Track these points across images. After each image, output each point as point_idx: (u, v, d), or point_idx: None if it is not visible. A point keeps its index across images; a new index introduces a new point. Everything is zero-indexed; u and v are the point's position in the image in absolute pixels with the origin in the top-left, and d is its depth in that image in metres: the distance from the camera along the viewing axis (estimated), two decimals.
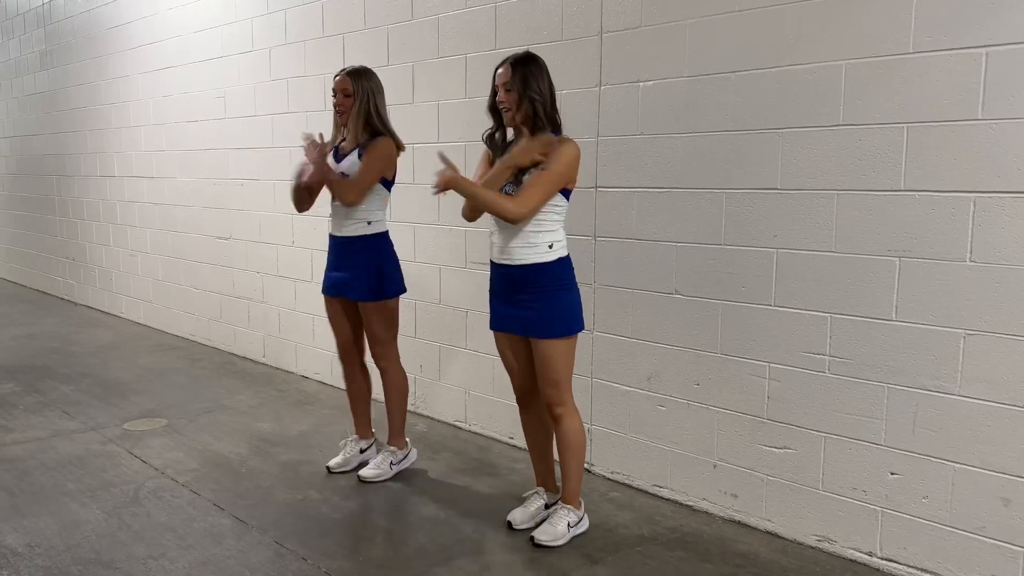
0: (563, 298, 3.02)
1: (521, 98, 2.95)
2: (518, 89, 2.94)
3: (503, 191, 3.01)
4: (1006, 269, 2.59)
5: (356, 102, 3.53)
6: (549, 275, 3.01)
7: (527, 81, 2.94)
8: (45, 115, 8.73)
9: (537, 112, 2.95)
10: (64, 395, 5.13)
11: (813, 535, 3.12)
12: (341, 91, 3.55)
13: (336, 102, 3.57)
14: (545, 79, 2.99)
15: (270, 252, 5.76)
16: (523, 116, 2.98)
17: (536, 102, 2.94)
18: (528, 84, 2.94)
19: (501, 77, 2.98)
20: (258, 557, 3.04)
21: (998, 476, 2.67)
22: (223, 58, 5.95)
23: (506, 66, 2.98)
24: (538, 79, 2.96)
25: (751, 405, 3.25)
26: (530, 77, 2.94)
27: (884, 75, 2.79)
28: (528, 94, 2.93)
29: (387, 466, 3.78)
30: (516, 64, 2.97)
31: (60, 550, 3.08)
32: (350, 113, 3.55)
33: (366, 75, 3.59)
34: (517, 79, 2.95)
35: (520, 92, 2.94)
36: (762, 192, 3.14)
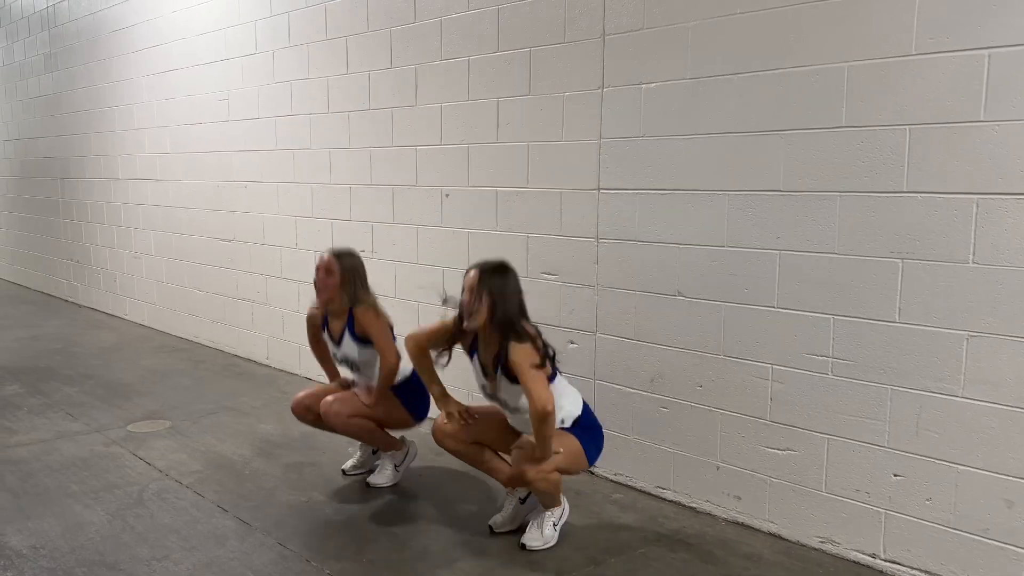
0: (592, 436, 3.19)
1: (482, 306, 3.02)
2: (482, 297, 3.02)
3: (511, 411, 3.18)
4: (1009, 271, 2.59)
5: (341, 283, 3.54)
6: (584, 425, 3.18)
7: (492, 290, 3.02)
8: (49, 117, 8.75)
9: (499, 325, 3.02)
10: (68, 397, 5.14)
11: (816, 537, 3.12)
12: (323, 270, 3.54)
13: (316, 279, 3.56)
14: (511, 288, 3.07)
15: (274, 254, 5.77)
16: (481, 320, 3.04)
17: (495, 315, 3.01)
18: (492, 295, 3.02)
19: (469, 281, 3.06)
20: (261, 559, 3.05)
21: (1002, 478, 2.66)
22: (227, 60, 5.97)
23: (476, 271, 3.07)
24: (502, 290, 3.04)
25: (754, 407, 3.25)
26: (494, 289, 3.03)
27: (886, 77, 2.79)
28: (492, 307, 3.01)
29: (391, 470, 3.78)
30: (484, 272, 3.05)
31: (64, 551, 3.09)
32: (331, 292, 3.55)
33: (350, 255, 3.61)
34: (484, 286, 3.02)
35: (483, 301, 3.02)
36: (765, 194, 3.14)
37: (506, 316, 3.03)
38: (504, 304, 3.03)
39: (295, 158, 5.46)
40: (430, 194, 4.54)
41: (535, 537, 3.14)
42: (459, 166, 4.34)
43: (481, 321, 3.04)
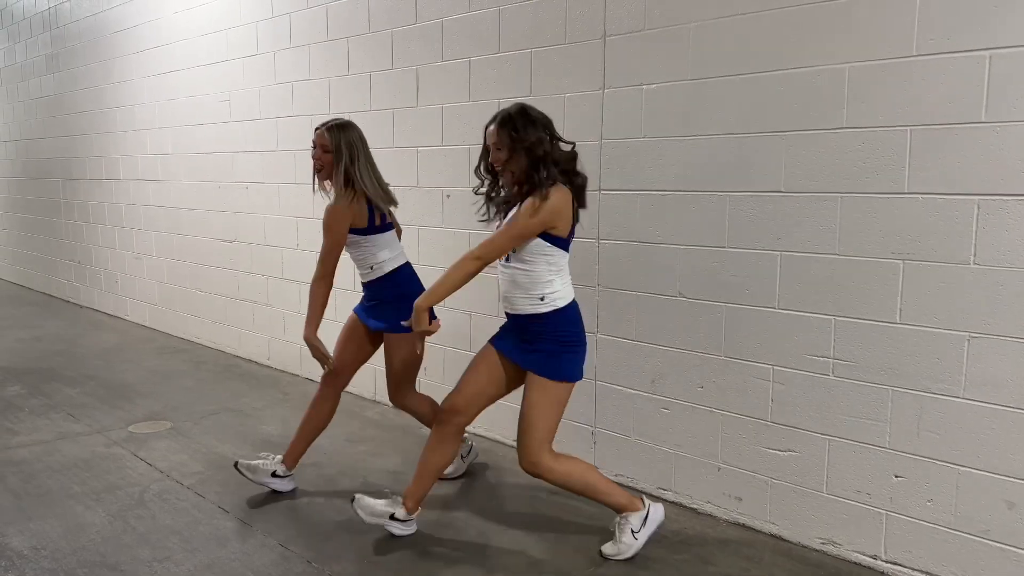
0: (560, 350, 2.92)
1: (512, 154, 2.83)
2: (509, 145, 2.83)
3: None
4: (1010, 272, 2.59)
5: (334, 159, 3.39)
6: (544, 326, 2.91)
7: (517, 134, 2.81)
8: (51, 118, 8.76)
9: (536, 160, 2.81)
10: (69, 398, 5.14)
11: (817, 538, 3.12)
12: (320, 146, 3.41)
13: (314, 156, 3.44)
14: (537, 124, 2.84)
15: (275, 255, 5.78)
16: (519, 173, 2.86)
17: (532, 152, 2.81)
18: (519, 137, 2.81)
19: (491, 136, 2.88)
20: (263, 560, 3.05)
21: (1003, 479, 2.66)
22: (228, 61, 5.97)
23: (495, 125, 2.87)
24: (530, 127, 2.82)
25: (755, 408, 3.25)
26: (520, 129, 2.81)
27: (887, 78, 2.79)
28: (519, 147, 2.81)
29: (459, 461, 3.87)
30: (503, 122, 2.85)
31: (65, 552, 3.09)
32: (327, 169, 3.42)
33: (343, 128, 3.44)
34: (505, 135, 2.83)
35: (510, 147, 2.83)
36: (766, 195, 3.14)
37: (536, 157, 2.80)
38: (535, 144, 2.80)
39: (296, 159, 5.46)
40: (431, 195, 4.54)
41: (610, 544, 3.09)
42: (460, 167, 4.34)
43: (520, 170, 2.82)
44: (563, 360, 2.93)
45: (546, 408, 2.94)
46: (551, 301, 2.90)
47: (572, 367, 2.96)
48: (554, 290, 2.90)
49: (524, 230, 2.82)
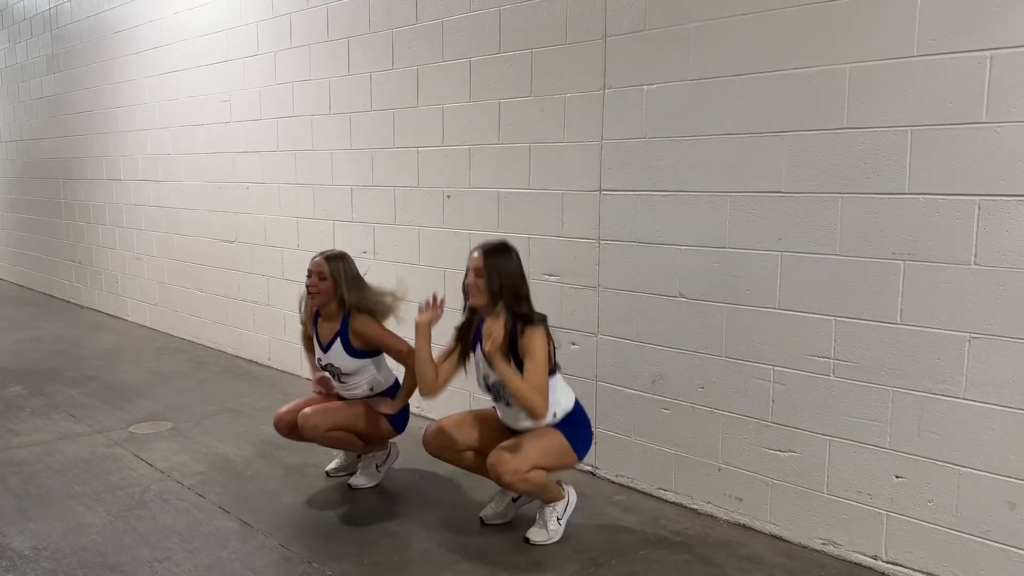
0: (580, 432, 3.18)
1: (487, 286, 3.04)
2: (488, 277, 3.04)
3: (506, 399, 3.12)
4: (1011, 272, 2.59)
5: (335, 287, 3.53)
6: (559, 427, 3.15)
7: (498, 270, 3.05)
8: (52, 119, 8.77)
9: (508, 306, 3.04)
10: (70, 398, 5.14)
11: (818, 538, 3.12)
12: (316, 275, 3.54)
13: (309, 284, 3.56)
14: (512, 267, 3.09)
15: (275, 255, 5.78)
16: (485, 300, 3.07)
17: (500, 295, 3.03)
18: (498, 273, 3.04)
19: (473, 262, 3.09)
20: (263, 560, 3.05)
21: (1004, 480, 2.66)
22: (228, 62, 5.97)
23: (479, 252, 3.09)
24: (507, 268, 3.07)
25: (756, 408, 3.25)
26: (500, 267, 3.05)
27: (888, 78, 2.79)
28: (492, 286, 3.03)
29: (373, 470, 3.77)
30: (488, 253, 3.08)
31: (66, 553, 3.09)
32: (324, 296, 3.54)
33: (342, 258, 3.59)
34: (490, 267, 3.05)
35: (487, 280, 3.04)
36: (766, 195, 3.14)
37: (517, 293, 3.05)
38: (512, 281, 3.06)
39: (296, 159, 5.46)
40: (432, 195, 4.54)
41: (539, 532, 3.18)
42: (461, 167, 4.34)
43: (485, 299, 3.05)
44: (575, 434, 3.14)
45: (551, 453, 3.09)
46: (561, 411, 3.14)
47: (581, 443, 3.16)
48: (563, 404, 3.15)
49: (546, 367, 3.01)
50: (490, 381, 3.16)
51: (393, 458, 3.87)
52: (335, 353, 3.59)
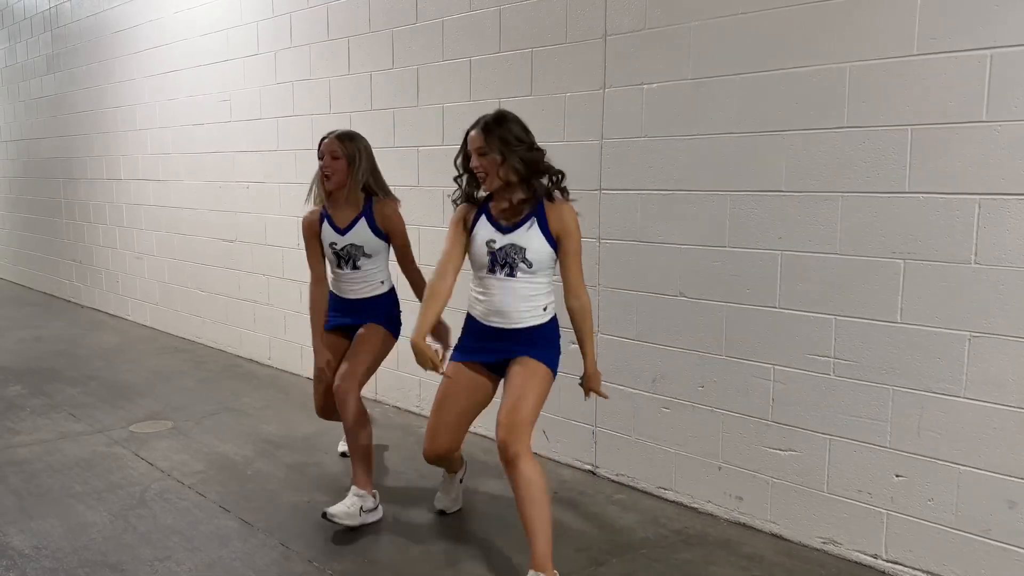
0: (549, 345, 2.95)
1: (503, 160, 2.76)
2: (498, 151, 2.77)
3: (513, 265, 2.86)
4: (1011, 271, 2.59)
5: (349, 166, 3.38)
6: (542, 332, 2.92)
7: (505, 139, 2.77)
8: (52, 118, 8.77)
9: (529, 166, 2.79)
10: (71, 397, 5.15)
11: (818, 537, 3.12)
12: (329, 154, 3.39)
13: (323, 164, 3.40)
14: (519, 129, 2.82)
15: (275, 254, 5.78)
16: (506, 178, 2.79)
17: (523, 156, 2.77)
18: (507, 141, 2.76)
19: (474, 142, 2.81)
20: (264, 559, 3.05)
21: (1004, 479, 2.66)
22: (228, 61, 5.97)
23: (477, 130, 2.81)
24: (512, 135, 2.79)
25: (756, 407, 3.25)
26: (507, 135, 2.77)
27: (888, 77, 2.79)
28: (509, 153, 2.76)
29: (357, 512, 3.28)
30: (488, 126, 2.80)
31: (67, 552, 3.09)
32: (339, 176, 3.39)
33: (354, 138, 3.45)
34: (494, 141, 2.77)
35: (502, 154, 2.76)
36: (766, 194, 3.14)
37: (531, 159, 2.78)
38: (522, 148, 2.78)
39: (297, 159, 5.46)
40: (432, 195, 4.54)
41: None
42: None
43: (498, 178, 2.77)
44: (553, 354, 2.97)
45: (541, 395, 2.89)
46: (551, 309, 2.96)
47: (557, 360, 3.00)
48: (552, 300, 2.97)
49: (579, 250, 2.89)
50: (496, 246, 2.85)
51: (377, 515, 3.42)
52: (358, 232, 3.40)
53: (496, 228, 2.87)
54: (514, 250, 2.85)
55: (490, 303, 2.91)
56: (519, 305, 2.88)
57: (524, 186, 2.83)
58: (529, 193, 2.83)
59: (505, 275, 2.87)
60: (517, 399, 2.79)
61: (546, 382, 2.90)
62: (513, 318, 2.90)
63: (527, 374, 2.84)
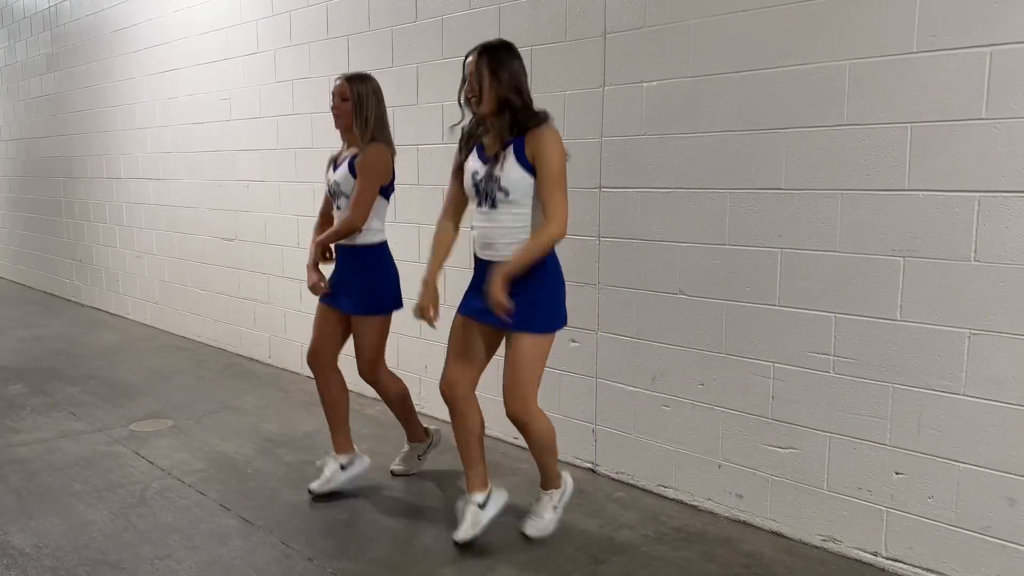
0: (545, 293, 2.91)
1: (486, 87, 2.79)
2: (481, 76, 2.79)
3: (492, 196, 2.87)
4: (1011, 268, 2.59)
5: (357, 108, 3.41)
6: (532, 271, 2.86)
7: (495, 70, 2.78)
8: (52, 117, 8.77)
9: (507, 101, 2.79)
10: (71, 396, 5.15)
11: (818, 535, 3.12)
12: (339, 95, 3.43)
13: (333, 106, 3.45)
14: (515, 66, 2.83)
15: (275, 253, 5.78)
16: (489, 106, 2.82)
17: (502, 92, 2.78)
18: (496, 73, 2.78)
19: (469, 66, 2.84)
20: (264, 557, 3.06)
21: (1004, 476, 2.66)
22: (228, 60, 5.97)
23: (474, 55, 2.84)
24: (508, 66, 2.80)
25: (756, 405, 3.25)
26: (499, 65, 2.79)
27: (888, 75, 2.79)
28: (493, 84, 2.78)
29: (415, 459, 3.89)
30: (483, 51, 2.83)
31: (67, 551, 3.09)
32: (347, 117, 3.43)
33: (364, 80, 3.46)
34: (483, 66, 2.80)
35: (486, 80, 2.79)
36: (766, 192, 3.14)
37: (522, 92, 2.80)
38: (516, 78, 2.80)
39: (296, 157, 5.47)
40: (432, 193, 4.54)
41: (535, 525, 3.17)
42: None
43: (492, 102, 2.79)
44: (548, 308, 2.93)
45: (536, 360, 2.93)
46: None
47: (556, 314, 2.97)
48: None
49: (564, 171, 2.83)
50: (478, 177, 2.92)
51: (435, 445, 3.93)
52: (342, 170, 3.46)
53: (482, 160, 2.92)
54: (491, 179, 2.86)
55: (480, 234, 2.99)
56: (503, 237, 2.90)
57: (509, 116, 2.83)
58: (511, 122, 2.82)
59: (489, 207, 2.90)
60: (512, 373, 2.93)
61: (536, 348, 2.93)
62: (499, 250, 2.91)
63: (516, 348, 2.92)
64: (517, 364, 2.93)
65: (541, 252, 2.86)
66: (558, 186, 2.81)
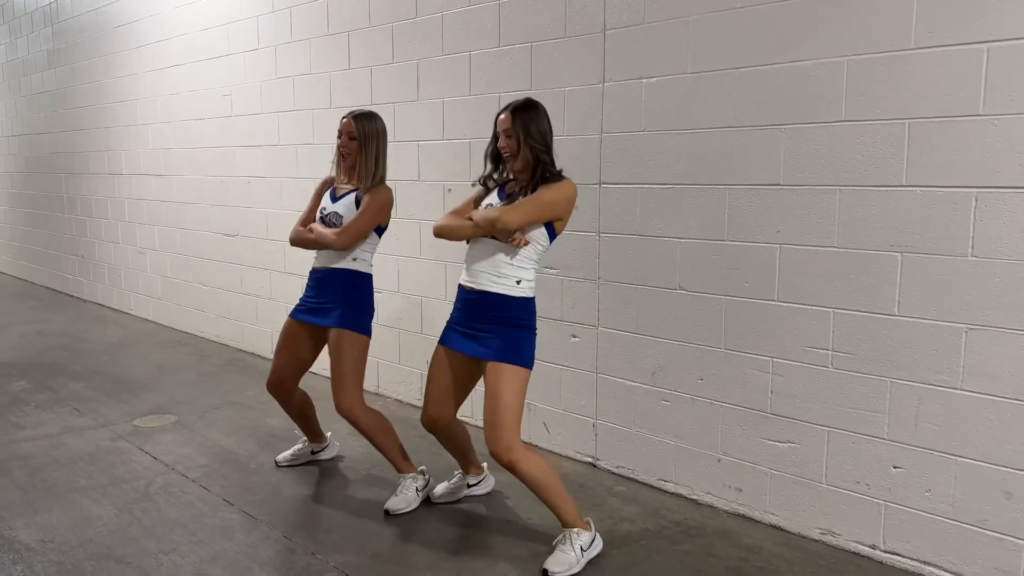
0: (519, 335, 2.96)
1: (520, 144, 2.91)
2: (518, 135, 2.91)
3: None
4: (1007, 264, 2.61)
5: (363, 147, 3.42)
6: (510, 310, 2.95)
7: (527, 128, 2.90)
8: (53, 113, 8.78)
9: (538, 158, 2.92)
10: (75, 392, 5.18)
11: (817, 528, 3.15)
12: (347, 134, 3.45)
13: (340, 144, 3.48)
14: (545, 124, 2.96)
15: (277, 249, 5.80)
16: (522, 162, 2.94)
17: (536, 149, 2.91)
18: (528, 131, 2.90)
19: (502, 124, 2.95)
20: (267, 552, 3.08)
21: (1000, 469, 2.68)
22: (229, 56, 5.98)
23: (507, 113, 2.95)
24: (538, 124, 2.93)
25: (755, 400, 3.27)
26: (530, 123, 2.91)
27: (886, 71, 2.80)
28: (528, 141, 2.90)
29: (413, 494, 3.48)
30: (516, 111, 2.93)
31: (72, 545, 3.12)
32: (354, 156, 3.45)
33: (371, 118, 3.47)
34: (518, 125, 2.91)
35: (520, 138, 2.91)
36: (765, 188, 3.15)
37: (549, 150, 2.94)
38: (545, 138, 2.94)
39: (298, 153, 5.48)
40: (432, 189, 4.56)
41: (558, 560, 2.90)
42: (461, 161, 4.36)
43: (525, 160, 2.91)
44: (525, 345, 2.98)
45: (516, 395, 2.93)
46: (526, 289, 2.98)
47: (531, 353, 3.01)
48: (530, 278, 2.99)
49: (551, 206, 2.90)
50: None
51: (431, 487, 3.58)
52: (345, 203, 3.46)
53: (500, 197, 3.03)
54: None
55: (470, 261, 3.04)
56: (493, 268, 2.96)
57: (539, 171, 2.95)
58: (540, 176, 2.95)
59: (490, 236, 2.97)
60: (495, 413, 2.91)
61: (519, 382, 2.95)
62: (481, 281, 2.97)
63: (500, 383, 2.93)
64: (497, 396, 2.90)
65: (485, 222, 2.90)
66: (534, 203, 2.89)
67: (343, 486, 3.72)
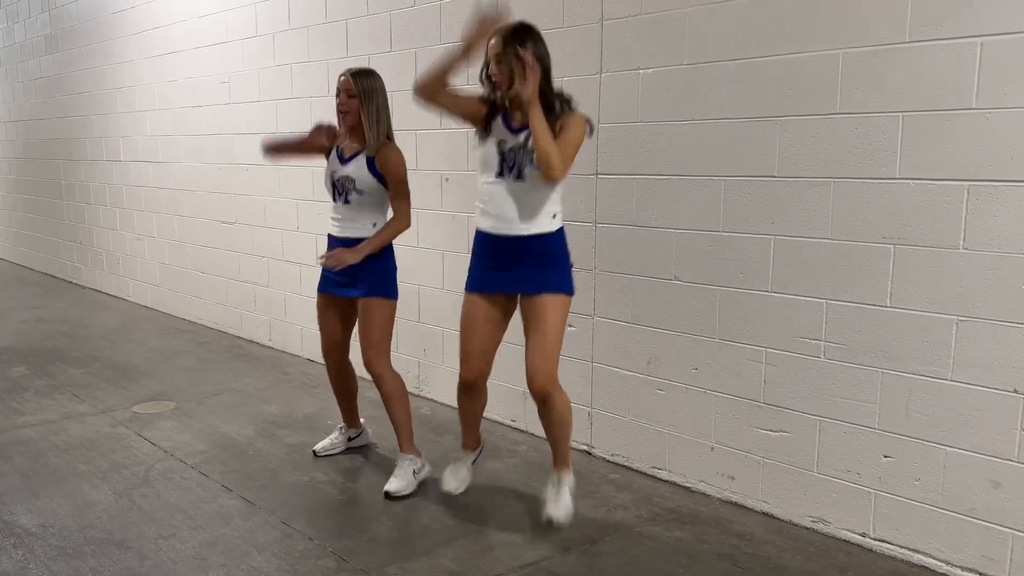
0: (560, 264, 3.05)
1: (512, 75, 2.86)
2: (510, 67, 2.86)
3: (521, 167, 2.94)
4: (998, 256, 2.63)
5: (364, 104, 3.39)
6: (549, 246, 3.01)
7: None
8: (51, 99, 8.76)
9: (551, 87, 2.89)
10: (74, 378, 5.21)
11: (808, 516, 3.19)
12: (345, 91, 3.40)
13: (340, 103, 3.42)
14: (540, 48, 2.91)
15: (275, 237, 5.81)
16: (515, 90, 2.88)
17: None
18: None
19: (492, 49, 2.89)
20: (265, 537, 3.12)
21: (988, 459, 2.72)
22: (227, 43, 5.97)
23: (497, 38, 2.88)
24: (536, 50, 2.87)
25: (748, 389, 3.30)
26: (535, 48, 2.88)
27: (880, 64, 2.81)
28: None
29: (411, 476, 3.52)
30: (508, 39, 2.87)
31: (73, 530, 3.16)
32: (354, 114, 3.41)
33: (370, 75, 3.44)
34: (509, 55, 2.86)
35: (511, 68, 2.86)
36: (760, 179, 3.17)
37: (548, 77, 2.90)
38: (544, 62, 2.89)
39: None
40: (430, 178, 4.57)
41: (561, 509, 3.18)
42: (459, 150, 4.37)
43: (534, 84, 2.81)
44: (566, 273, 3.06)
45: (562, 325, 3.02)
46: (559, 219, 3.03)
47: (571, 279, 3.08)
48: (560, 209, 3.03)
49: (579, 143, 2.90)
50: (507, 147, 2.96)
51: (427, 471, 3.62)
52: (355, 166, 3.44)
53: (509, 130, 2.98)
54: (522, 151, 2.93)
55: (499, 209, 2.99)
56: (526, 210, 2.96)
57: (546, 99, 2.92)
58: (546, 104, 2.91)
59: (514, 178, 2.95)
60: (540, 346, 2.97)
61: (561, 313, 3.02)
62: (520, 224, 2.97)
63: (542, 315, 2.98)
64: (545, 328, 2.97)
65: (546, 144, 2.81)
66: (572, 147, 2.89)
67: (341, 472, 3.76)
